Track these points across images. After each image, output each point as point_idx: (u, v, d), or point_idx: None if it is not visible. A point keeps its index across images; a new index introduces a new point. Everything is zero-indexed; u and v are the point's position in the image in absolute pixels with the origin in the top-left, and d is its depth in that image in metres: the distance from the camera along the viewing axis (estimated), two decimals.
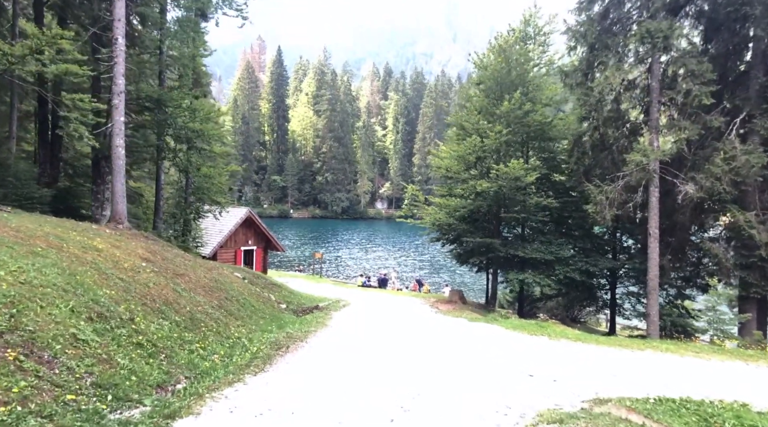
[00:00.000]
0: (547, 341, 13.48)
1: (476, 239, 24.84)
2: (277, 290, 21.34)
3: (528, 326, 15.95)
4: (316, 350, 10.87)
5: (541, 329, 15.24)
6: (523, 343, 13.30)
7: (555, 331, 15.24)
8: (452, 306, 23.57)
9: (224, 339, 11.61)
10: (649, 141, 19.46)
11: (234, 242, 33.53)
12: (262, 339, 11.66)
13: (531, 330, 15.05)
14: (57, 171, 24.21)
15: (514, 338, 13.93)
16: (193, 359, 9.12)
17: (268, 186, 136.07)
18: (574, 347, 12.89)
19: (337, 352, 10.95)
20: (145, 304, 10.53)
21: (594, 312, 34.08)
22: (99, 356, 7.22)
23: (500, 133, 23.28)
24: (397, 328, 15.62)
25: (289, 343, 11.27)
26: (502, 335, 14.56)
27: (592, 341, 13.72)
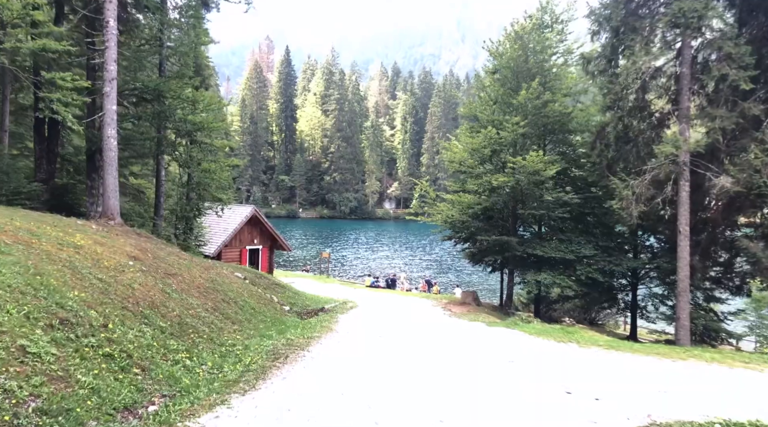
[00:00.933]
0: (577, 350, 12.12)
1: (491, 237, 23.48)
2: (281, 291, 20.10)
3: (553, 332, 14.58)
4: (319, 362, 9.56)
5: (569, 335, 13.87)
6: (551, 351, 11.95)
7: (584, 337, 13.87)
8: (466, 308, 22.23)
9: (216, 347, 10.35)
10: (680, 131, 18.03)
11: (239, 241, 32.44)
12: (260, 347, 10.38)
13: (557, 336, 13.69)
14: (54, 167, 23.08)
15: (540, 346, 12.57)
16: (175, 373, 7.85)
17: (276, 186, 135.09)
18: (609, 356, 11.52)
19: (343, 364, 9.64)
20: (126, 307, 9.29)
21: (612, 314, 32.62)
22: (53, 372, 5.95)
23: (517, 125, 21.89)
24: (409, 334, 14.30)
25: (289, 352, 9.97)
26: (526, 342, 13.19)
27: (626, 349, 12.34)
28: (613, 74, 19.80)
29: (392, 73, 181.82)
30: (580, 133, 24.60)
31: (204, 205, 24.26)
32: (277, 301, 17.99)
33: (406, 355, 10.91)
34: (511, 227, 25.17)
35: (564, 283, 21.61)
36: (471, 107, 25.50)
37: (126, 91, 20.67)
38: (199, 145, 22.21)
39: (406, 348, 11.79)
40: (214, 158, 23.70)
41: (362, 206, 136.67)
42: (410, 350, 11.66)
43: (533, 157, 20.85)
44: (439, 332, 14.92)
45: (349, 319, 16.63)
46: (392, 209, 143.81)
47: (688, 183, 18.44)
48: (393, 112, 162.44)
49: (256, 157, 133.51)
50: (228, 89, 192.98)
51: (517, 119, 21.92)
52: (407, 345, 12.22)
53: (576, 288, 22.20)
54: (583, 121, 23.45)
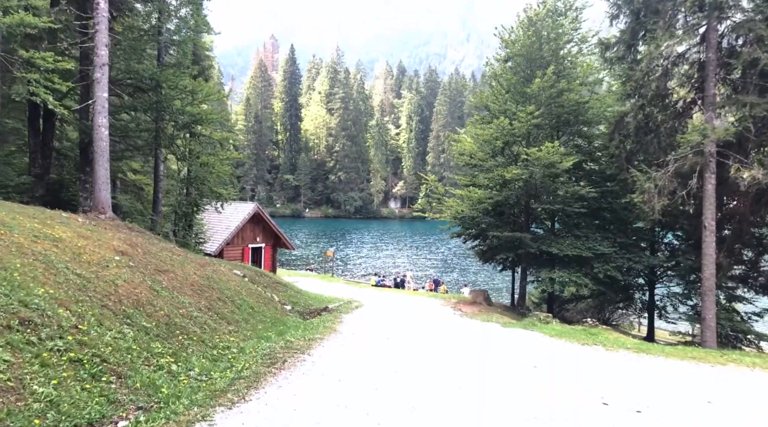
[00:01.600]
0: (605, 353, 11.07)
1: (504, 233, 22.39)
2: (282, 290, 19.14)
3: (575, 334, 13.52)
4: (320, 368, 8.55)
5: (592, 337, 12.81)
6: (577, 355, 10.89)
7: (609, 339, 12.81)
8: (477, 308, 21.20)
9: (208, 349, 9.38)
10: (706, 119, 16.94)
11: (241, 239, 31.53)
12: (256, 350, 9.39)
13: (580, 338, 12.63)
14: (49, 162, 22.19)
15: (564, 349, 11.51)
16: (156, 380, 6.85)
17: (280, 185, 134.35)
18: (641, 360, 10.47)
19: (346, 370, 8.62)
20: (106, 306, 8.32)
21: (627, 315, 31.52)
22: (1, 383, 4.98)
23: (531, 115, 20.81)
24: (418, 336, 13.27)
25: (287, 356, 8.96)
26: (548, 345, 12.13)
27: (658, 353, 11.28)
28: (633, 61, 18.74)
29: (397, 71, 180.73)
30: (595, 125, 23.52)
31: (203, 200, 23.25)
32: (277, 300, 17.01)
33: (416, 360, 9.89)
34: (523, 223, 24.11)
35: (581, 281, 20.54)
36: (482, 97, 24.40)
37: (122, 81, 19.76)
38: (198, 138, 21.24)
39: (417, 352, 10.76)
40: (214, 151, 22.71)
41: (367, 206, 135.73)
42: (421, 353, 10.63)
43: (549, 147, 19.79)
44: (451, 334, 13.89)
45: (354, 319, 15.63)
46: (397, 209, 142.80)
47: (714, 175, 17.38)
48: (398, 111, 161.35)
49: (261, 157, 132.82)
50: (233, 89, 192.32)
51: (532, 109, 20.84)
52: (417, 348, 11.20)
53: (593, 287, 21.09)
54: (600, 111, 22.37)
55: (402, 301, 24.08)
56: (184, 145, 21.10)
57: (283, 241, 34.44)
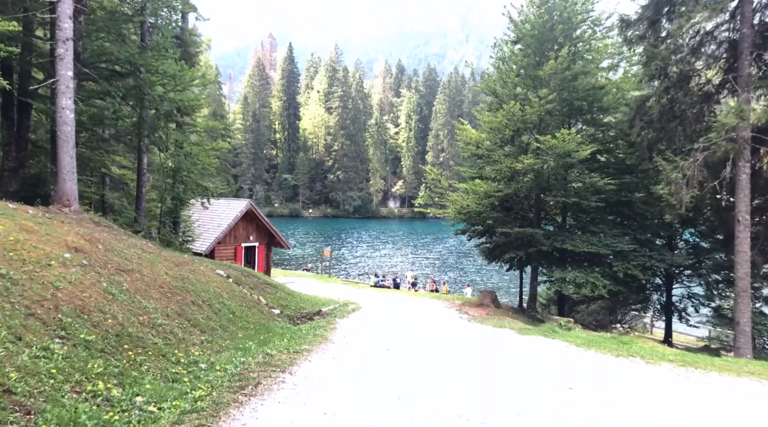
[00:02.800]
0: (646, 368, 9.35)
1: (514, 229, 20.60)
2: (271, 292, 17.40)
3: (605, 342, 11.75)
4: (302, 393, 6.76)
5: (626, 347, 11.07)
6: (616, 371, 9.16)
7: (645, 349, 11.08)
8: (485, 311, 19.47)
9: (169, 366, 7.68)
10: (741, 101, 15.23)
11: (234, 237, 29.86)
12: (225, 367, 7.66)
13: (612, 348, 10.88)
14: (24, 154, 20.44)
15: (598, 363, 9.75)
16: (81, 414, 5.14)
17: (279, 185, 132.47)
18: (693, 377, 8.76)
19: (336, 396, 6.82)
20: (33, 315, 6.62)
21: (640, 317, 29.82)
22: None
23: (544, 100, 19.03)
24: (423, 345, 11.50)
25: (263, 376, 7.22)
26: (577, 357, 10.35)
27: (707, 366, 9.55)
28: (656, 39, 17.01)
29: (396, 70, 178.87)
30: (612, 113, 21.72)
31: (187, 195, 21.47)
32: (264, 303, 15.28)
33: (423, 380, 8.12)
34: (534, 218, 22.34)
35: (599, 282, 18.77)
36: (490, 82, 22.58)
37: (96, 63, 18.05)
38: (181, 126, 19.49)
39: (422, 368, 9.00)
40: (199, 141, 20.94)
41: (366, 205, 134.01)
42: (428, 370, 8.87)
43: (564, 134, 18.05)
44: (461, 343, 12.11)
45: (350, 324, 13.89)
46: (397, 208, 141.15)
47: (748, 164, 15.69)
48: (397, 110, 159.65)
49: (259, 156, 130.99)
50: (231, 88, 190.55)
51: (545, 92, 19.09)
52: (423, 364, 9.44)
53: (613, 287, 19.32)
54: (617, 97, 20.64)
55: (402, 303, 22.35)
56: (167, 135, 19.34)
57: (277, 240, 32.72)
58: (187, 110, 19.12)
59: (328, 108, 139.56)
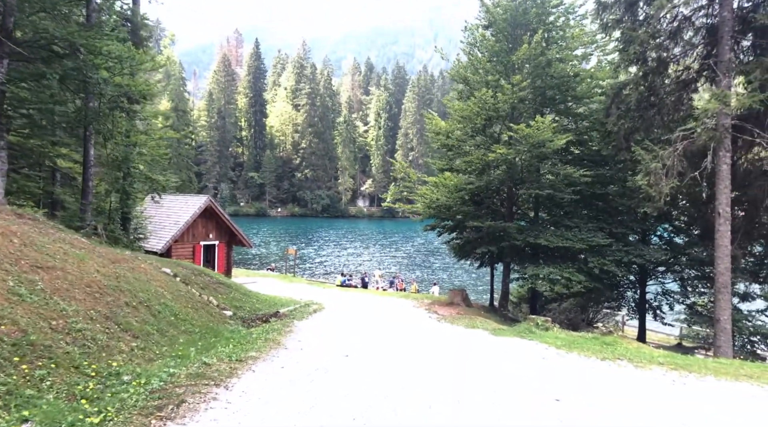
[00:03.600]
0: (635, 372, 8.36)
1: (486, 223, 19.59)
2: (225, 292, 16.02)
3: (587, 344, 10.74)
4: (234, 414, 5.50)
5: (610, 349, 10.07)
6: (604, 377, 8.13)
7: (630, 351, 10.11)
8: (455, 310, 18.43)
9: (81, 380, 6.38)
10: (725, 86, 14.48)
11: (192, 235, 28.29)
12: (149, 381, 6.37)
13: (596, 350, 9.89)
14: None
15: (583, 368, 8.71)
16: None
17: (245, 183, 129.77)
18: (688, 383, 7.81)
19: (276, 419, 5.62)
20: None
21: (611, 315, 29.21)
22: None
23: (517, 87, 18.05)
24: (387, 350, 10.32)
25: (191, 391, 5.94)
26: (559, 362, 9.28)
27: (701, 369, 8.61)
28: (635, 22, 16.19)
29: (365, 68, 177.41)
30: (586, 103, 20.89)
31: (134, 188, 19.86)
32: (216, 304, 13.93)
33: (386, 392, 6.91)
34: (507, 212, 21.39)
35: (574, 278, 17.91)
36: (460, 68, 21.48)
37: (30, 43, 16.40)
38: (127, 113, 17.93)
39: (386, 378, 7.82)
40: (146, 129, 19.36)
41: (335, 204, 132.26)
42: (392, 380, 7.69)
43: (539, 122, 17.10)
44: (430, 347, 10.96)
45: (309, 326, 12.67)
46: (366, 207, 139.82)
47: (729, 154, 14.97)
48: (366, 108, 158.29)
49: (224, 154, 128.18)
50: (195, 85, 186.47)
51: (518, 79, 18.11)
52: (386, 371, 8.26)
53: (589, 284, 18.46)
54: (590, 87, 19.83)
55: (369, 302, 21.18)
56: (113, 124, 17.75)
57: (239, 238, 31.21)
58: (135, 97, 17.57)
59: (296, 105, 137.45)
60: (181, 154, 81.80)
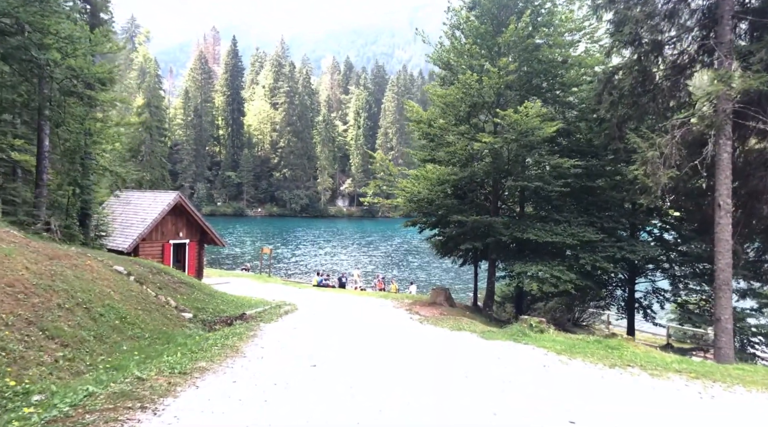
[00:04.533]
0: (653, 383, 7.21)
1: (470, 217, 18.38)
2: (187, 292, 14.59)
3: (588, 347, 9.57)
4: None
5: (617, 354, 8.92)
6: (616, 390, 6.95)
7: (639, 357, 8.97)
8: (438, 311, 17.24)
9: None
10: (726, 68, 13.47)
11: (161, 233, 26.79)
12: (52, 404, 5.03)
13: (601, 356, 8.72)
14: None
15: (591, 378, 7.51)
16: None
17: (222, 183, 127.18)
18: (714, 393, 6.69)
19: None
20: None
21: (597, 314, 28.30)
22: None
23: (505, 70, 16.87)
24: (362, 357, 9.03)
25: (105, 418, 4.62)
26: (562, 370, 8.07)
27: (725, 378, 7.49)
28: (629, 1, 15.14)
29: (345, 67, 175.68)
30: (574, 92, 19.81)
31: (89, 179, 18.28)
32: (174, 306, 12.54)
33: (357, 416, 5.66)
34: (492, 206, 20.24)
35: (564, 276, 16.79)
36: (443, 52, 20.22)
37: None
38: (81, 99, 16.39)
39: (358, 393, 6.52)
40: (104, 117, 17.82)
41: (314, 204, 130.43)
42: (366, 397, 6.41)
43: (528, 107, 15.96)
44: (411, 353, 9.68)
45: (276, 330, 11.34)
46: (345, 207, 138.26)
47: (730, 142, 14.00)
48: (346, 107, 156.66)
49: (201, 153, 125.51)
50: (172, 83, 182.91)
51: (505, 61, 16.93)
52: (360, 384, 6.95)
53: (580, 282, 17.37)
54: (579, 74, 18.79)
55: (346, 303, 19.91)
56: (64, 109, 16.21)
57: (210, 236, 29.71)
58: (90, 81, 16.05)
59: (274, 104, 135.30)
60: (154, 151, 79.61)
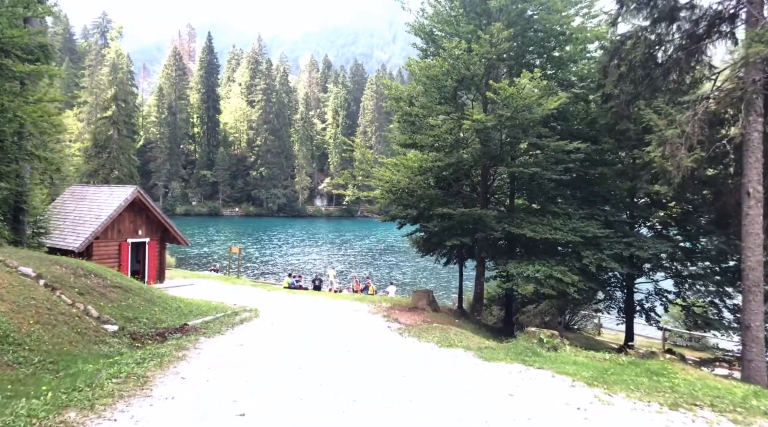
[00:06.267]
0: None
1: (457, 210, 16.06)
2: (119, 298, 12.07)
3: (625, 374, 7.23)
4: None
5: (668, 384, 6.63)
6: None
7: (697, 387, 6.74)
8: (420, 318, 14.95)
9: None
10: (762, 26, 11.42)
11: (117, 231, 24.27)
12: None
13: (650, 389, 6.39)
14: None
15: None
16: None
17: (197, 182, 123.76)
18: None
19: None
20: None
21: (589, 317, 26.31)
22: None
23: (499, 35, 14.59)
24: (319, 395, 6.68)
25: None
26: (610, 416, 5.78)
27: None
28: None
29: (323, 66, 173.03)
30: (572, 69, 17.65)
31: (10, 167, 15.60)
32: (96, 316, 10.07)
33: None
34: (481, 198, 17.97)
35: (567, 277, 14.57)
36: (424, 21, 17.77)
37: None
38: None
39: None
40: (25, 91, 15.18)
41: (292, 203, 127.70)
42: None
43: (527, 77, 13.74)
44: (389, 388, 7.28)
45: (215, 349, 8.94)
46: (324, 206, 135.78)
47: (761, 119, 11.94)
48: (324, 106, 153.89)
49: (175, 151, 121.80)
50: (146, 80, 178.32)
51: (498, 27, 14.66)
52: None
53: (584, 284, 15.18)
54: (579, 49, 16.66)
55: (317, 308, 17.55)
56: None
57: (173, 234, 27.16)
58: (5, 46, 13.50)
59: (251, 101, 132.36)
60: (122, 147, 76.43)
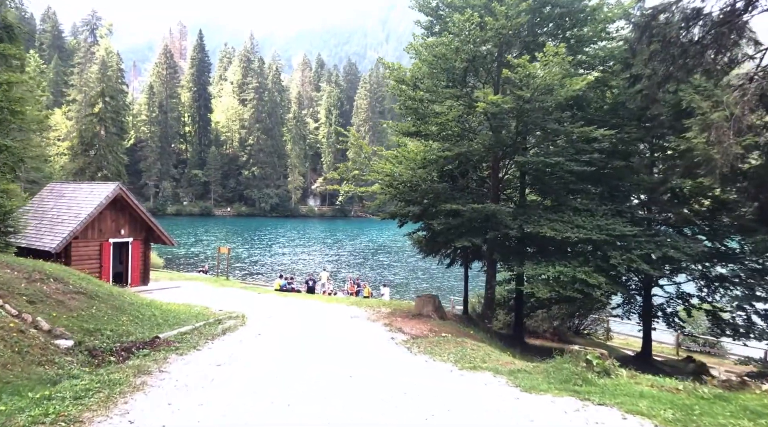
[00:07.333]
0: None
1: (468, 205, 14.41)
2: (81, 306, 10.34)
3: (715, 410, 5.59)
4: None
5: None
6: None
7: None
8: (427, 327, 13.32)
9: None
10: None
11: (98, 231, 22.85)
12: None
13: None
14: None
15: None
16: None
17: (188, 181, 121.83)
18: None
19: None
20: None
21: (599, 321, 24.87)
22: None
23: (516, 9, 12.99)
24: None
25: None
26: None
27: None
28: None
29: (316, 65, 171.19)
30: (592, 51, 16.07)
31: None
32: (46, 329, 8.39)
33: None
34: (492, 192, 16.32)
35: (593, 280, 12.98)
36: None
37: None
38: None
39: None
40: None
41: (284, 203, 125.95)
42: None
43: (550, 51, 12.12)
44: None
45: (187, 371, 7.30)
46: (317, 206, 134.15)
47: None
48: (317, 105, 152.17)
49: (166, 150, 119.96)
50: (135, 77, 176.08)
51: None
52: None
53: (612, 288, 13.62)
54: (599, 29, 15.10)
55: (310, 313, 15.89)
56: None
57: (157, 234, 25.57)
58: None
59: (243, 100, 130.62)
60: (110, 145, 74.53)
